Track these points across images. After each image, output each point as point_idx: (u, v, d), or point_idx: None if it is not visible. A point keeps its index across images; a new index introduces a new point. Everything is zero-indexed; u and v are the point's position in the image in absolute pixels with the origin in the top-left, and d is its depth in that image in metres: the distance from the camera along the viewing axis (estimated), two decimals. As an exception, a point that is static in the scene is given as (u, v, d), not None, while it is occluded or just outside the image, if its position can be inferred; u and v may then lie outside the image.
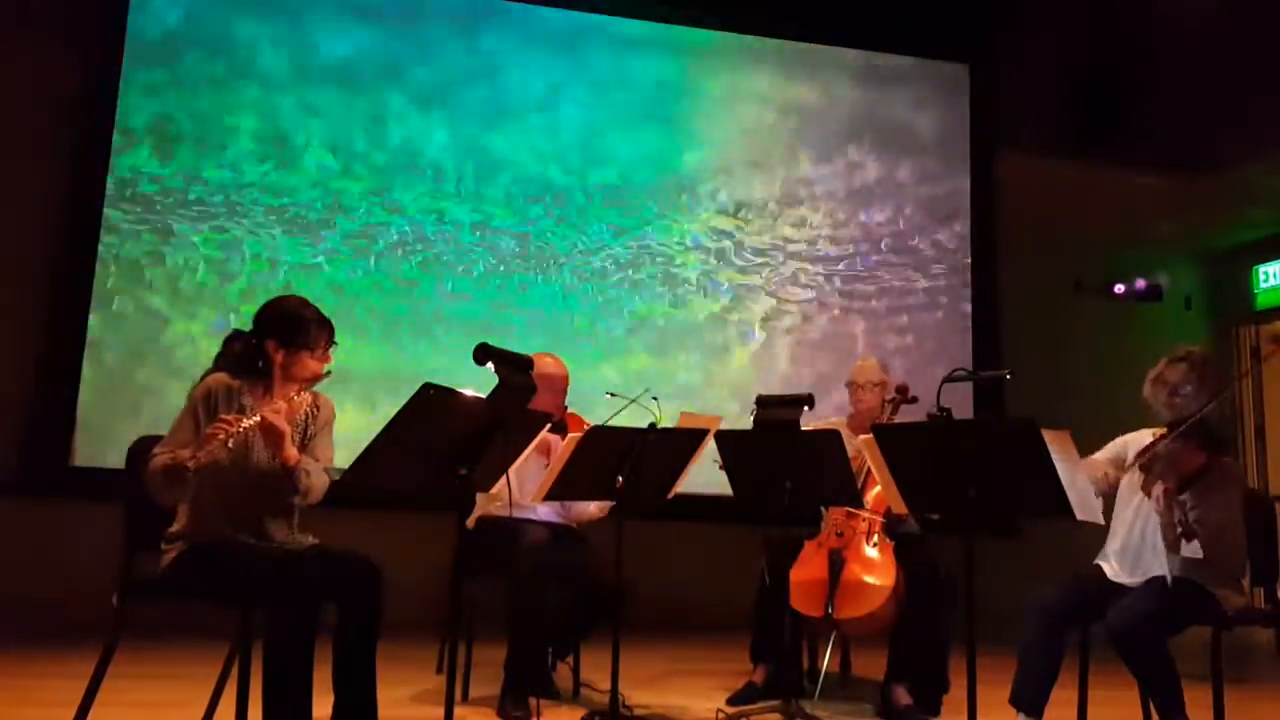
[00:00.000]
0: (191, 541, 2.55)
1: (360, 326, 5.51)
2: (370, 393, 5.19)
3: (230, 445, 2.42)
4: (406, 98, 5.88)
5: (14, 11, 5.40)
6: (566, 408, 3.76)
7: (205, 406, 2.55)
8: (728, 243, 6.19)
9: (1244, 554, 2.89)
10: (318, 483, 2.62)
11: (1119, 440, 3.10)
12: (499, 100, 5.99)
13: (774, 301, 6.21)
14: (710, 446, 3.17)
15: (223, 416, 2.46)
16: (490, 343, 2.61)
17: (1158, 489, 2.79)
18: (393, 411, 2.36)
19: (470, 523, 3.55)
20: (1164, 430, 2.86)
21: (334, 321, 2.72)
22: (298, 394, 2.62)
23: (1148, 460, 2.80)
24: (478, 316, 5.72)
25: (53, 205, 5.37)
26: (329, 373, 2.71)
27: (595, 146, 6.08)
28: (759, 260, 6.22)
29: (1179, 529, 2.73)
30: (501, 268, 5.83)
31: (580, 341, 5.78)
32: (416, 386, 2.35)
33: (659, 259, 6.07)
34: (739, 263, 6.19)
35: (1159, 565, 2.89)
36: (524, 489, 3.21)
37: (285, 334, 2.65)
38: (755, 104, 6.37)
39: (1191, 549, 2.77)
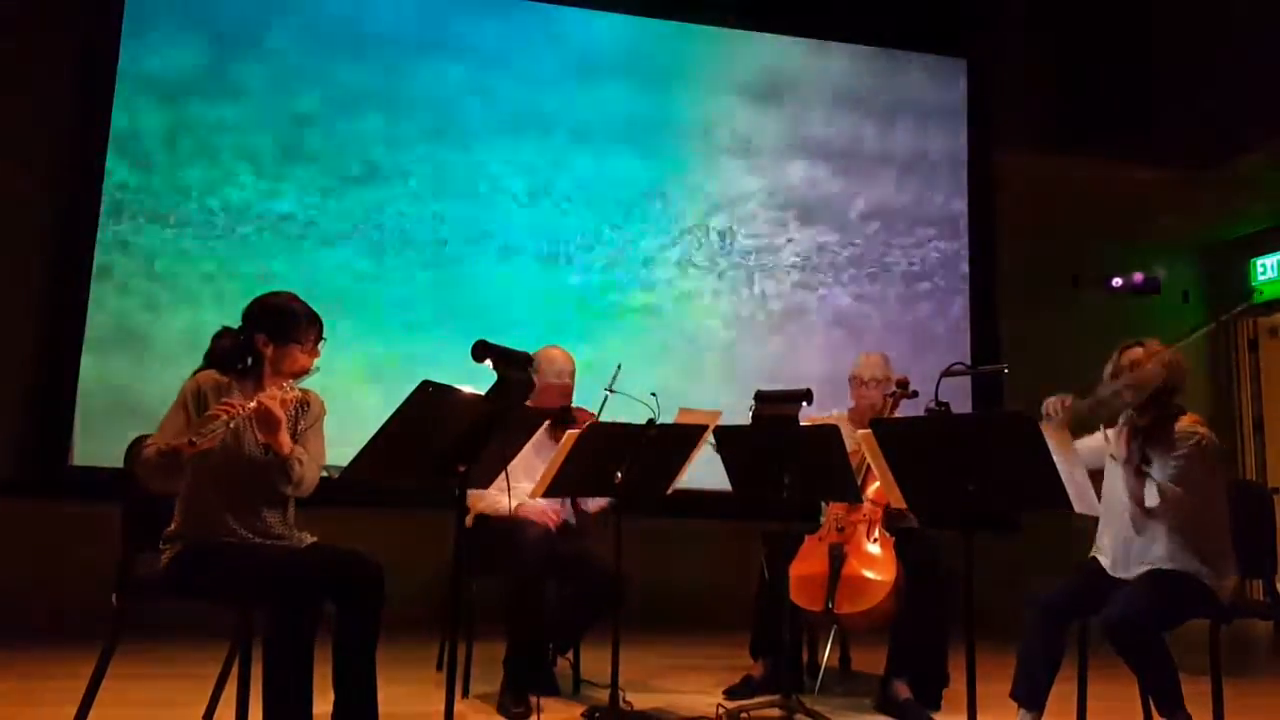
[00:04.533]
0: (190, 540, 2.55)
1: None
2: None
3: (231, 425, 2.42)
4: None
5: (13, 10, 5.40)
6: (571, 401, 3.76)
7: (196, 401, 2.54)
8: (723, 237, 6.19)
9: (1226, 536, 2.91)
10: (309, 474, 2.62)
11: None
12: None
13: (770, 297, 6.21)
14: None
15: (225, 400, 2.46)
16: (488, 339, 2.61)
17: (1118, 440, 2.87)
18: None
19: (468, 522, 3.55)
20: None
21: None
22: (287, 387, 2.61)
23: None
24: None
25: (50, 205, 5.36)
26: (318, 368, 2.71)
27: (591, 140, 6.07)
28: (755, 256, 6.22)
29: (1136, 458, 2.81)
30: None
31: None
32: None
33: (652, 255, 6.07)
34: (735, 258, 6.19)
35: (1154, 559, 2.89)
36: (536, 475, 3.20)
37: (275, 328, 2.65)
38: (752, 99, 6.36)
39: (1150, 495, 2.81)
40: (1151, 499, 2.82)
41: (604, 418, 3.59)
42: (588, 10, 6.16)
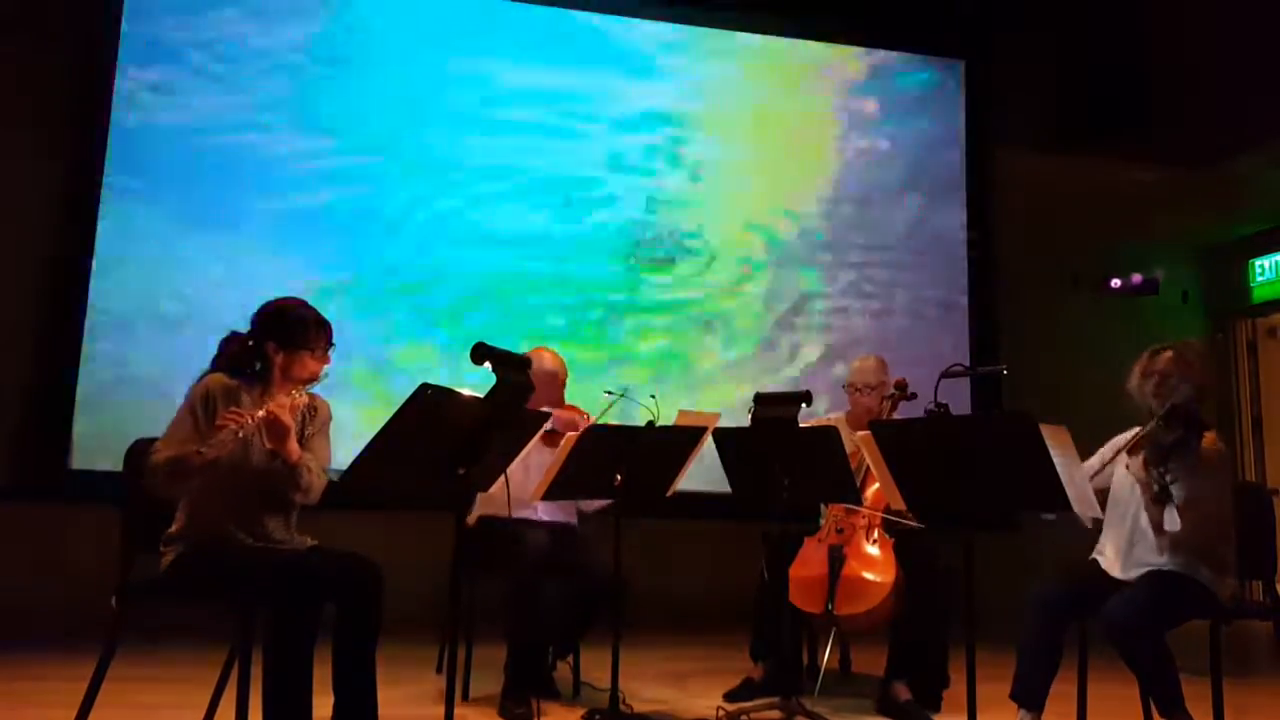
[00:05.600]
0: (191, 543, 2.55)
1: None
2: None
3: (241, 435, 2.42)
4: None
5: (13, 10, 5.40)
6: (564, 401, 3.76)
7: (204, 406, 2.54)
8: (722, 240, 6.19)
9: (1230, 540, 2.90)
10: (318, 481, 2.63)
11: (1108, 444, 3.11)
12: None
13: (770, 298, 6.21)
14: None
15: (233, 409, 2.46)
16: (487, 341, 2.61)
17: (1137, 460, 2.85)
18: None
19: (471, 520, 3.55)
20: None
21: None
22: (296, 393, 2.61)
23: (1134, 445, 2.88)
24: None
25: (49, 207, 5.36)
26: (327, 374, 2.71)
27: (593, 145, 6.08)
28: (752, 258, 6.22)
29: (1155, 487, 2.77)
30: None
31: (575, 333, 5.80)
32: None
33: (650, 257, 6.07)
34: (735, 260, 6.19)
35: (1154, 560, 2.90)
36: (530, 485, 3.20)
37: (285, 335, 2.65)
38: (752, 100, 6.37)
39: (1170, 520, 2.79)
40: (1171, 524, 2.81)
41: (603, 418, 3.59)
42: (589, 12, 6.16)
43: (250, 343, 2.67)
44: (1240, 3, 5.85)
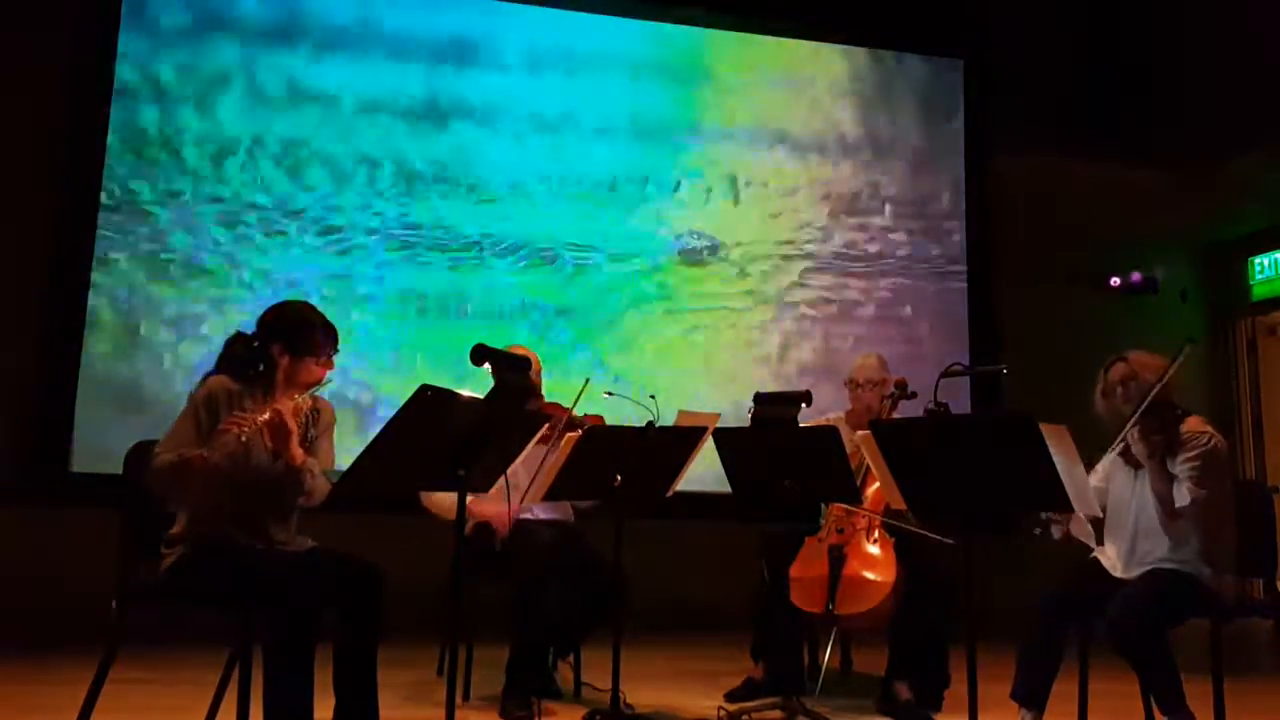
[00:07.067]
0: (191, 545, 2.54)
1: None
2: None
3: (244, 440, 2.42)
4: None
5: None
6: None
7: (207, 408, 2.54)
8: (723, 240, 6.19)
9: (1231, 537, 2.91)
10: (321, 484, 2.62)
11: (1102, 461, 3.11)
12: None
13: (769, 299, 6.21)
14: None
15: (237, 413, 2.46)
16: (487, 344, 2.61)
17: (1137, 442, 2.88)
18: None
19: (469, 530, 3.54)
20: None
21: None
22: (300, 398, 2.61)
23: (1124, 447, 2.91)
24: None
25: (48, 210, 5.36)
26: (331, 380, 2.70)
27: (586, 144, 6.07)
28: (754, 258, 6.22)
29: (1160, 453, 2.81)
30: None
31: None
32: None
33: (650, 260, 6.07)
34: (735, 260, 6.19)
35: (1157, 559, 2.90)
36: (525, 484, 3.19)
37: (292, 339, 2.65)
38: (752, 99, 6.37)
39: (1180, 495, 2.81)
40: (1181, 499, 2.82)
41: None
42: (586, 14, 6.17)
43: (255, 345, 2.67)
44: (1240, 4, 5.86)
